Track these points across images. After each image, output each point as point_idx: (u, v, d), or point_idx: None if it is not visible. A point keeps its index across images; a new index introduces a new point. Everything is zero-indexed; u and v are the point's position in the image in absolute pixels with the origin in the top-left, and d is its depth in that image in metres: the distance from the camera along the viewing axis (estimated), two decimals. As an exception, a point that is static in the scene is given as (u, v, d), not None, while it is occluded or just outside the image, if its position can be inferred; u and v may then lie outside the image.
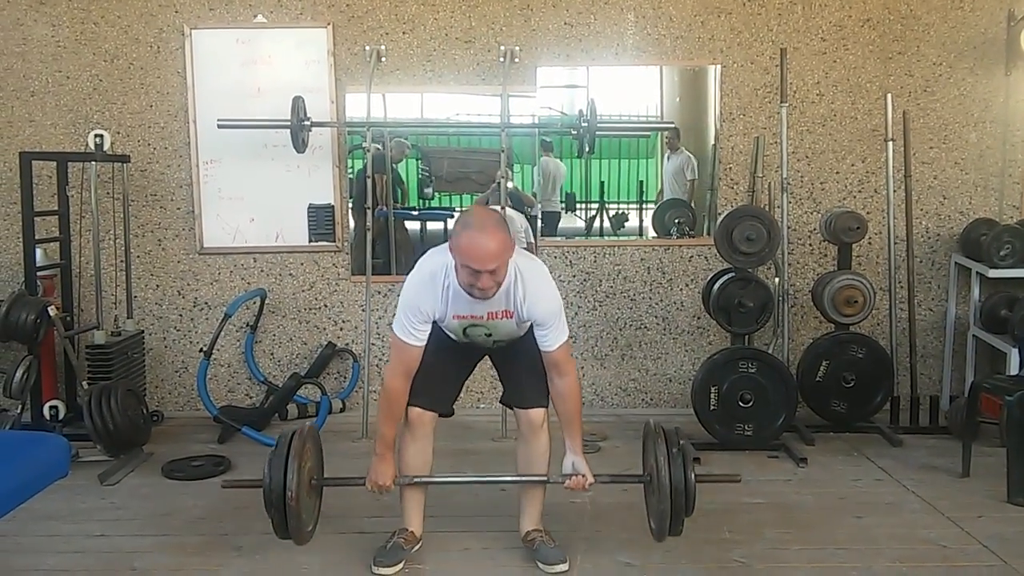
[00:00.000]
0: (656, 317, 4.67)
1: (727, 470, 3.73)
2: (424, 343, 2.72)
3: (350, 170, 4.60)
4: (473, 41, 4.51)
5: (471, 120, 4.66)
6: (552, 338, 2.72)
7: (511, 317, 2.70)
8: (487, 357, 2.97)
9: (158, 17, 4.48)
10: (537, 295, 2.67)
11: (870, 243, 4.57)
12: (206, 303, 4.63)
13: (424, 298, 2.67)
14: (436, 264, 2.68)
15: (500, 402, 3.06)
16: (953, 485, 3.58)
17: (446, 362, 2.84)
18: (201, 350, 4.33)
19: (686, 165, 4.70)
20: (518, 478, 2.94)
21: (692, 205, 4.71)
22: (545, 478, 2.86)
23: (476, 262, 2.49)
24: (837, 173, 4.62)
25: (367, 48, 4.45)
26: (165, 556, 2.98)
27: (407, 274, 2.82)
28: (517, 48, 4.46)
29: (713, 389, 3.97)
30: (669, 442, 2.70)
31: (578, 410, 2.82)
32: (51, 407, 4.06)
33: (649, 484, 2.80)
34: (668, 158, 4.74)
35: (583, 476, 2.79)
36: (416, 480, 2.86)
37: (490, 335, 2.76)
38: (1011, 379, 3.83)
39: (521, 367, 2.85)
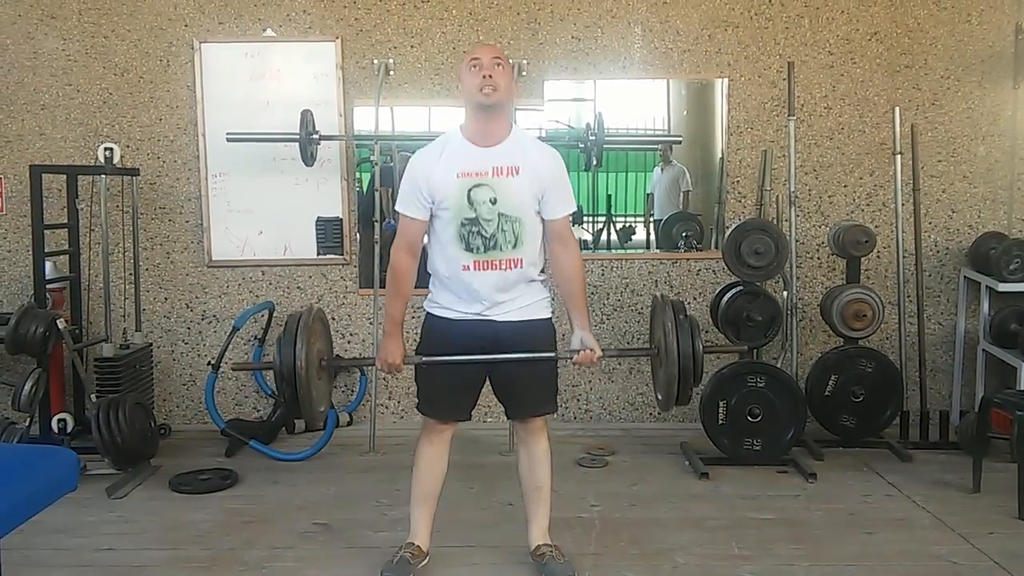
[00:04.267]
0: (664, 330, 4.65)
1: (736, 485, 3.73)
2: (425, 218, 2.69)
3: (358, 182, 4.60)
4: (481, 55, 4.52)
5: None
6: (560, 204, 2.72)
7: (517, 174, 2.64)
8: (489, 379, 2.87)
9: (168, 31, 4.51)
10: (544, 151, 2.75)
11: (879, 257, 4.56)
12: (214, 316, 4.64)
13: (423, 161, 2.70)
14: (438, 137, 2.77)
15: (506, 416, 3.03)
16: (964, 501, 3.56)
17: (459, 376, 2.79)
18: (209, 363, 4.34)
19: (681, 177, 4.71)
20: (525, 355, 2.75)
21: (695, 216, 4.71)
22: (553, 355, 2.79)
23: (481, 53, 2.66)
24: (845, 186, 4.61)
25: (375, 61, 4.46)
26: (172, 570, 2.98)
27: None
28: (525, 62, 4.48)
29: (722, 403, 3.96)
30: (676, 313, 2.71)
31: (583, 285, 2.83)
32: (59, 420, 4.07)
33: (656, 356, 2.79)
34: (662, 170, 4.75)
35: (591, 350, 2.75)
36: (425, 361, 2.77)
37: (495, 202, 2.64)
38: (1022, 394, 3.81)
39: (520, 382, 2.81)
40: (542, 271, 2.83)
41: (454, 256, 2.69)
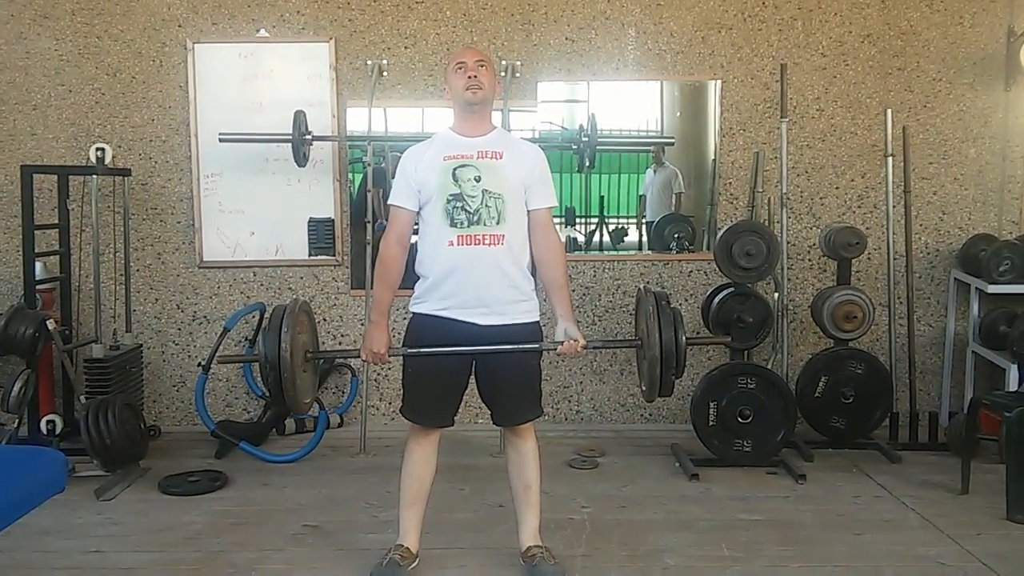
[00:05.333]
0: (656, 332, 4.66)
1: (726, 486, 3.74)
2: (415, 208, 2.78)
3: (350, 183, 4.60)
4: (474, 56, 4.52)
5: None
6: (541, 195, 2.81)
7: (501, 158, 2.75)
8: (475, 380, 2.89)
9: (161, 31, 4.50)
10: (527, 143, 2.97)
11: (869, 258, 4.57)
12: (205, 317, 4.63)
13: (413, 153, 2.82)
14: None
15: (493, 423, 3.03)
16: (952, 502, 3.57)
17: (442, 380, 2.82)
18: (199, 364, 4.33)
19: (673, 179, 4.72)
20: (512, 348, 2.77)
21: (687, 218, 4.71)
22: (538, 347, 2.82)
23: (466, 55, 2.80)
24: (837, 188, 4.62)
25: (369, 62, 4.47)
26: (161, 572, 2.97)
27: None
28: (518, 63, 4.48)
29: (712, 405, 3.97)
30: (659, 305, 2.75)
31: (565, 275, 2.87)
32: (48, 421, 4.06)
33: (641, 348, 2.82)
34: (655, 172, 4.76)
35: (575, 340, 2.80)
36: (410, 352, 2.81)
37: (479, 180, 2.72)
38: (1010, 395, 3.81)
39: (504, 387, 2.83)
40: (532, 273, 2.85)
41: (439, 234, 2.73)
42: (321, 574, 2.96)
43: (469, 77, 2.75)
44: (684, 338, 2.75)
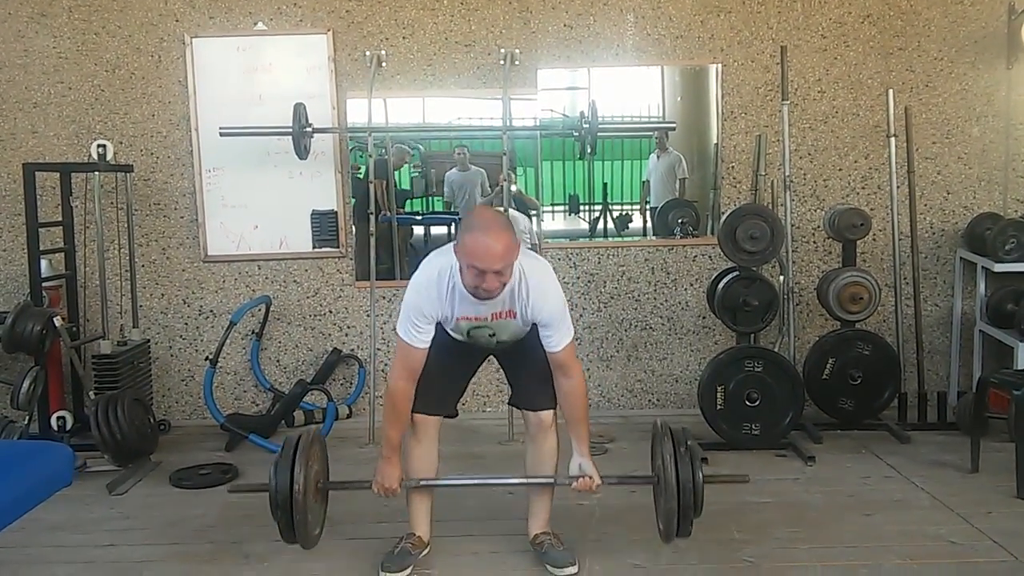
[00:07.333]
0: (661, 317, 4.66)
1: (735, 469, 3.72)
2: (428, 345, 2.69)
3: (361, 170, 4.58)
4: (473, 44, 4.51)
5: (473, 123, 4.66)
6: (557, 339, 2.68)
7: (514, 317, 2.68)
8: (494, 359, 2.98)
9: (159, 26, 4.49)
10: (541, 295, 2.64)
11: (874, 240, 4.56)
12: (211, 311, 4.63)
13: (428, 300, 2.64)
14: (441, 265, 2.65)
15: (508, 403, 3.06)
16: (962, 481, 3.57)
17: (448, 365, 2.84)
18: (207, 358, 4.34)
19: (677, 164, 4.71)
20: (525, 480, 2.94)
21: (691, 203, 4.71)
22: (552, 479, 2.85)
23: (482, 262, 2.46)
24: (840, 170, 4.61)
25: (367, 53, 4.45)
26: (174, 565, 2.98)
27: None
28: (517, 51, 4.46)
29: (719, 389, 3.96)
30: (676, 442, 2.68)
31: (585, 411, 2.80)
32: (58, 418, 4.06)
33: (657, 485, 2.78)
34: (658, 157, 4.75)
35: (590, 477, 2.76)
36: (423, 483, 2.86)
37: (493, 335, 2.74)
38: (1019, 373, 3.81)
39: (530, 369, 2.84)
40: None
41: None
42: (333, 563, 2.96)
43: (482, 288, 2.52)
44: (702, 476, 2.66)
